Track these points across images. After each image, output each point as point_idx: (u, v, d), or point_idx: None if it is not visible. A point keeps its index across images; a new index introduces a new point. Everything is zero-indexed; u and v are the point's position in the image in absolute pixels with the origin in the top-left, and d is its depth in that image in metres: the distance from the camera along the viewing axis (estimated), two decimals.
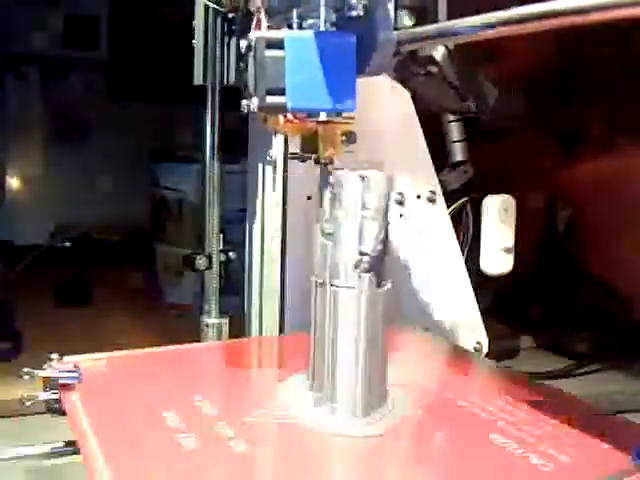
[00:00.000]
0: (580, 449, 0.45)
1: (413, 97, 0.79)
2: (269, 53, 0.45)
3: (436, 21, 0.49)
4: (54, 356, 0.55)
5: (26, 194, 1.66)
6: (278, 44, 0.45)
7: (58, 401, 0.52)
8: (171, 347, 0.65)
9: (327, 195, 0.49)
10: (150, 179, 1.35)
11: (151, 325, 1.11)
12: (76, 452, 0.48)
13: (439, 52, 0.68)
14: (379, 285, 0.49)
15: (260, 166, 0.76)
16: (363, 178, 0.47)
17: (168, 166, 1.31)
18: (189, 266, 0.77)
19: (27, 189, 1.67)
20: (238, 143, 0.78)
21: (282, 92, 0.45)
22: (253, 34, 0.46)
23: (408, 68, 0.65)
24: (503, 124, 0.95)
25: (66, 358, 0.55)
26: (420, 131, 0.82)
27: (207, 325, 0.76)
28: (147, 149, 1.43)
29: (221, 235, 0.78)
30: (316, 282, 0.49)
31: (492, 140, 1.04)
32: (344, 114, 0.48)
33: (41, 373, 0.53)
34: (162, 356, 0.63)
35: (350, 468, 0.47)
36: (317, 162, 0.49)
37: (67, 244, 1.55)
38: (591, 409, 0.53)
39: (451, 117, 0.88)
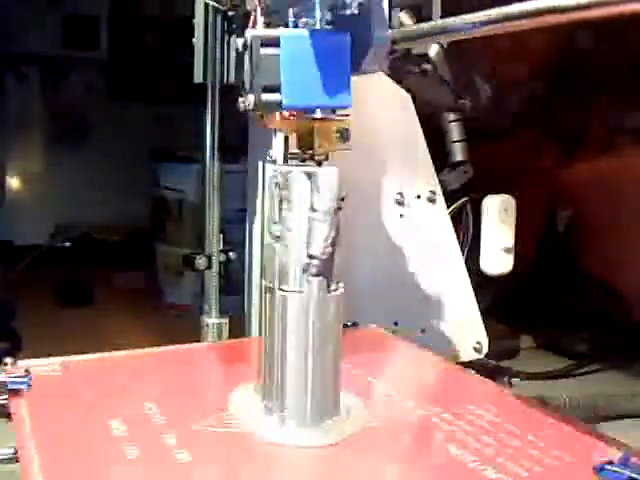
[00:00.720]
0: (541, 463, 0.43)
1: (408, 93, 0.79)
2: (264, 51, 0.45)
3: (430, 19, 0.49)
4: (8, 360, 0.54)
5: (26, 194, 1.67)
6: (273, 42, 0.45)
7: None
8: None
9: (275, 196, 0.47)
10: (150, 179, 1.35)
11: (151, 325, 1.11)
12: None
13: (433, 50, 0.68)
14: (329, 289, 0.47)
15: (260, 166, 0.76)
16: (311, 177, 0.46)
17: (168, 166, 1.31)
18: (189, 266, 0.77)
19: (27, 189, 1.67)
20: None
21: (278, 89, 0.45)
22: (249, 32, 0.46)
23: (403, 66, 0.65)
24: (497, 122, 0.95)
25: (20, 362, 0.54)
26: (420, 131, 0.82)
27: (207, 325, 0.76)
28: (147, 149, 1.44)
29: (221, 235, 0.78)
30: (265, 287, 0.48)
31: (492, 140, 1.04)
32: (339, 111, 0.48)
33: None
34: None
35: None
36: (312, 158, 0.49)
37: (67, 244, 1.55)
38: (559, 417, 0.50)
39: (451, 117, 0.88)
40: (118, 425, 0.46)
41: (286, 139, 0.58)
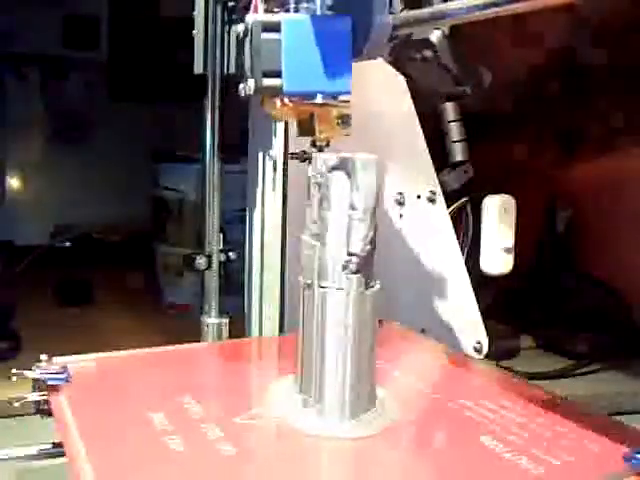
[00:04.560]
0: (572, 452, 0.45)
1: (409, 81, 0.79)
2: (265, 36, 0.45)
3: (431, 4, 0.49)
4: (43, 357, 0.54)
5: (26, 194, 1.67)
6: (274, 27, 0.45)
7: (47, 402, 0.51)
8: (170, 347, 0.64)
9: (315, 195, 0.48)
10: (150, 179, 1.35)
11: (151, 325, 1.11)
12: (64, 454, 0.47)
13: (435, 35, 0.68)
14: (367, 286, 0.48)
15: (260, 166, 0.76)
16: (350, 177, 0.46)
17: (168, 166, 1.31)
18: (189, 266, 0.77)
19: (27, 189, 1.67)
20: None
21: (278, 74, 0.45)
22: (249, 17, 0.46)
23: (404, 52, 0.64)
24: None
25: (56, 359, 0.55)
26: (420, 131, 0.82)
27: (207, 325, 0.76)
28: (147, 149, 1.43)
29: (221, 235, 0.78)
30: (304, 283, 0.49)
31: (492, 140, 1.04)
32: (340, 97, 0.48)
33: (29, 374, 0.52)
34: (156, 356, 0.62)
35: (336, 471, 0.46)
36: (313, 145, 0.49)
37: (67, 244, 1.55)
38: (585, 411, 0.52)
39: (451, 117, 0.88)
40: (160, 419, 0.47)
41: (286, 139, 0.58)
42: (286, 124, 0.73)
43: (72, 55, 1.63)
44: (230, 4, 0.72)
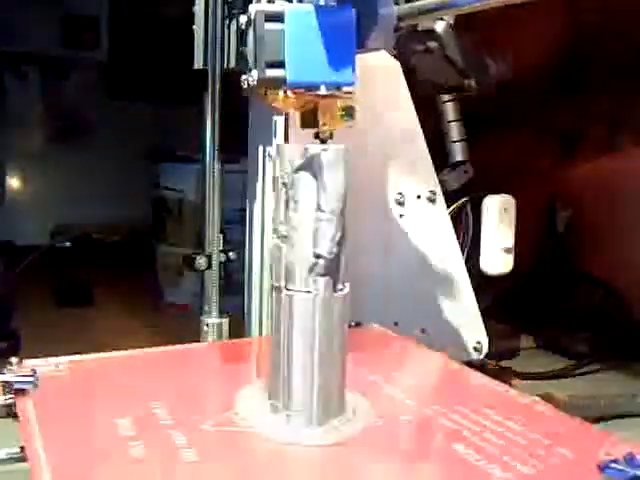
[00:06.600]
0: (546, 461, 0.44)
1: (412, 73, 0.78)
2: (269, 26, 0.45)
3: None
4: (13, 359, 0.54)
5: (26, 194, 1.67)
6: (278, 17, 0.45)
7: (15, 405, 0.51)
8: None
9: (282, 196, 0.47)
10: (150, 179, 1.35)
11: (151, 325, 1.11)
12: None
13: (440, 26, 0.67)
14: (335, 289, 0.47)
15: (260, 164, 0.76)
16: (317, 177, 0.45)
17: (168, 166, 1.31)
18: (189, 266, 0.76)
19: (27, 189, 1.67)
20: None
21: (282, 65, 0.45)
22: (252, 7, 0.46)
23: (408, 44, 0.64)
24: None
25: (27, 361, 0.54)
26: (420, 131, 0.82)
27: (207, 325, 0.76)
28: (147, 149, 1.43)
29: (221, 235, 0.78)
30: (272, 286, 0.48)
31: (492, 140, 1.04)
32: (343, 89, 0.47)
33: None
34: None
35: (298, 478, 0.45)
36: (317, 137, 0.48)
37: (67, 244, 1.55)
38: (564, 417, 0.51)
39: (451, 116, 0.88)
40: (125, 424, 0.46)
41: (286, 138, 0.57)
42: (286, 123, 0.73)
43: (72, 55, 1.63)
44: None
